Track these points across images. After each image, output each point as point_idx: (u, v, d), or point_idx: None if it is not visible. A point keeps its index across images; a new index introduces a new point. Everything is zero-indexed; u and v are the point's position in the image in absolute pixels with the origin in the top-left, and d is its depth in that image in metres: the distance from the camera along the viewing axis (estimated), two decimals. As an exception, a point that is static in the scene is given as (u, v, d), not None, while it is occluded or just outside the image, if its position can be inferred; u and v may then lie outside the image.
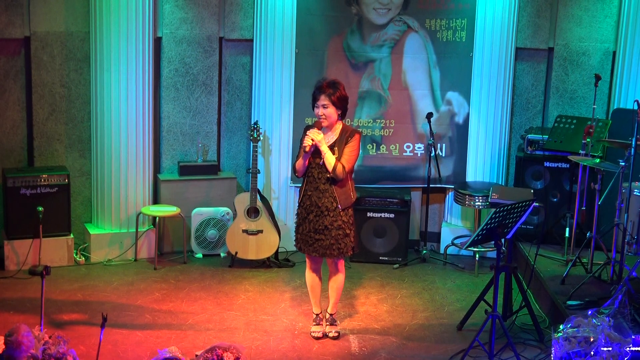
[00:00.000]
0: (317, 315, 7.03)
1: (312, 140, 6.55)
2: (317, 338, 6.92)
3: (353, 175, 6.95)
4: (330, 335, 6.98)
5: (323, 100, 6.57)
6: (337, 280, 6.94)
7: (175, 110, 8.81)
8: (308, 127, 6.72)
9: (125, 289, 7.83)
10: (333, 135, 6.67)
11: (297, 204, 6.86)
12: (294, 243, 6.93)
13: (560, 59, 8.94)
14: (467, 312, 7.14)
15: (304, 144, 6.56)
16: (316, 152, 6.61)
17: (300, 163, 6.67)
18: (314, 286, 6.98)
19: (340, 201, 6.65)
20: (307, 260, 6.93)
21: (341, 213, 6.67)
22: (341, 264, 6.90)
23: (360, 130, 6.65)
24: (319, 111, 6.60)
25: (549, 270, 7.82)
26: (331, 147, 6.62)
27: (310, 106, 6.73)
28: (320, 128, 6.64)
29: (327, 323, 7.05)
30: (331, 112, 6.59)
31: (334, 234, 6.67)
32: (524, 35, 8.94)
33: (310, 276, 6.97)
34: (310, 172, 6.68)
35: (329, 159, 6.57)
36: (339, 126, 6.69)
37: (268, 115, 8.79)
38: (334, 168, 6.56)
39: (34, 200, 8.11)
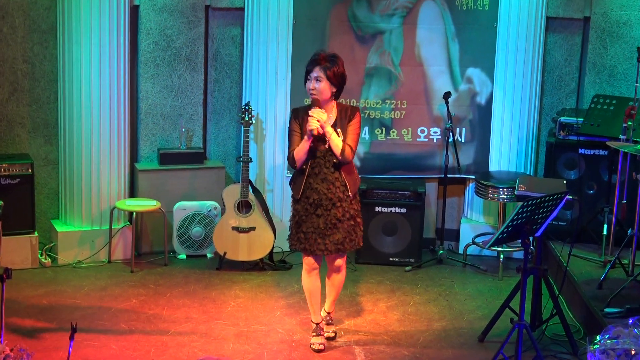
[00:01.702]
0: (317, 324, 7.02)
1: (318, 121, 6.57)
2: (318, 351, 6.92)
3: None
4: (327, 335, 7.04)
5: (317, 72, 6.61)
6: (339, 277, 7.01)
7: (154, 89, 8.81)
8: (297, 110, 6.78)
9: (97, 294, 7.84)
10: (331, 116, 6.70)
11: (294, 199, 6.85)
12: (290, 244, 6.93)
13: (598, 30, 8.93)
14: (490, 321, 7.15)
15: (309, 127, 6.54)
16: (318, 137, 6.62)
17: (303, 150, 6.65)
18: (313, 291, 6.97)
19: (351, 188, 6.73)
20: (305, 261, 6.92)
21: (352, 201, 6.76)
22: (343, 261, 6.95)
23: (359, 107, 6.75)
24: (311, 84, 6.63)
25: (584, 273, 7.82)
26: (342, 129, 6.67)
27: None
28: (319, 107, 6.65)
29: (325, 322, 7.11)
30: (324, 87, 6.62)
31: (346, 225, 6.73)
32: (556, 2, 8.93)
33: (309, 280, 6.96)
34: (316, 161, 6.69)
35: (336, 141, 6.61)
36: (334, 105, 6.73)
37: (261, 95, 8.79)
38: (342, 151, 6.61)
39: (-7, 193, 8.14)
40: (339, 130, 6.64)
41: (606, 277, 7.46)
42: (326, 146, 6.63)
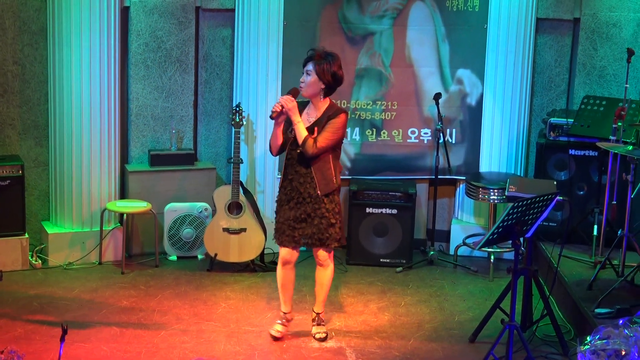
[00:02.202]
0: (285, 313, 7.15)
1: (282, 107, 6.66)
2: (276, 338, 7.06)
3: (341, 161, 7.08)
4: (318, 336, 7.07)
5: (309, 66, 6.70)
6: (324, 275, 7.03)
7: (145, 90, 8.80)
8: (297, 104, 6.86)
9: (88, 296, 7.83)
10: (316, 114, 6.75)
11: (278, 188, 6.96)
12: (273, 235, 7.05)
13: (588, 31, 8.94)
14: (481, 321, 7.16)
15: (271, 110, 6.71)
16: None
17: (272, 135, 6.82)
18: (285, 283, 7.07)
19: (320, 187, 6.74)
20: (280, 252, 6.99)
21: (324, 200, 6.76)
22: (328, 256, 6.97)
23: (348, 111, 6.76)
24: (303, 78, 6.73)
25: (574, 273, 7.84)
26: (311, 127, 6.71)
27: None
28: (295, 96, 6.75)
29: (314, 323, 7.14)
30: (313, 82, 6.68)
31: (316, 222, 6.78)
32: (546, 4, 8.95)
33: (282, 272, 7.04)
34: (290, 153, 6.79)
35: (300, 131, 6.67)
36: (324, 104, 6.77)
37: (252, 96, 8.79)
38: (304, 142, 6.65)
39: (-17, 195, 8.13)
40: (315, 128, 6.70)
41: (596, 278, 7.47)
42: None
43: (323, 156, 6.71)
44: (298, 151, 6.72)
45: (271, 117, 6.68)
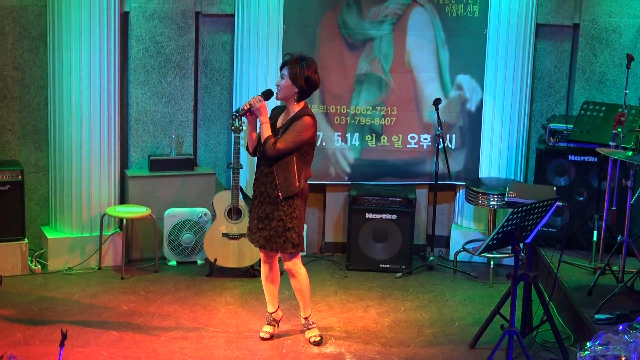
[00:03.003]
0: (270, 314, 7.24)
1: (250, 105, 6.79)
2: (264, 339, 7.13)
3: (340, 166, 7.11)
4: (313, 340, 7.11)
5: (284, 70, 6.80)
6: (297, 284, 7.08)
7: (145, 96, 8.81)
8: (274, 108, 7.04)
9: (87, 301, 7.83)
10: (284, 116, 6.91)
11: None
12: None
13: (587, 37, 8.96)
14: (481, 327, 7.17)
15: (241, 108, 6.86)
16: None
17: (247, 137, 6.98)
18: (266, 281, 7.17)
19: (281, 188, 6.77)
20: (260, 252, 7.14)
21: (283, 203, 6.79)
22: (293, 263, 6.98)
23: (313, 114, 6.83)
24: (277, 81, 6.86)
25: (574, 279, 7.84)
26: (280, 129, 6.81)
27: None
28: (268, 98, 6.89)
29: (305, 328, 7.20)
30: (286, 85, 6.78)
31: (273, 224, 6.84)
32: (546, 9, 8.96)
33: (263, 269, 7.16)
34: (259, 152, 6.91)
35: (263, 131, 6.78)
36: (297, 108, 6.85)
37: (252, 101, 8.79)
38: (265, 141, 6.74)
39: (-17, 200, 8.13)
40: (279, 129, 6.80)
41: (596, 284, 7.47)
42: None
43: (287, 158, 6.74)
44: (259, 150, 6.85)
45: (236, 114, 6.96)
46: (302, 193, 6.83)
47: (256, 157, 6.95)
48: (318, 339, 7.11)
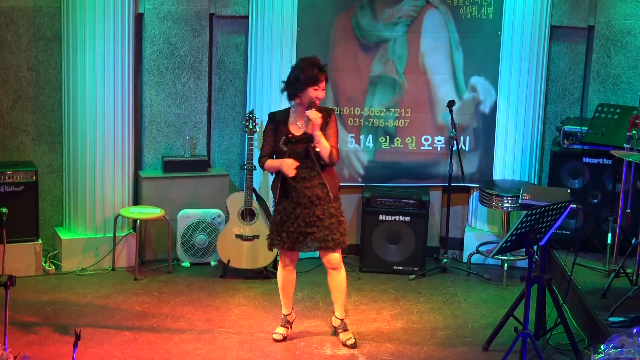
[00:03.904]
0: (285, 316, 7.23)
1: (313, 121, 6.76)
2: (277, 340, 7.13)
3: (354, 168, 7.19)
4: (349, 343, 7.09)
5: (323, 81, 6.79)
6: (339, 279, 7.07)
7: (159, 97, 8.82)
8: (273, 114, 7.00)
9: (101, 302, 7.84)
10: (308, 122, 6.85)
11: (274, 201, 7.05)
12: (271, 243, 7.05)
13: (602, 38, 8.93)
14: (494, 330, 7.15)
15: (316, 121, 6.70)
16: (300, 138, 6.82)
17: (274, 168, 6.95)
18: (287, 284, 7.17)
19: (331, 188, 6.86)
20: (281, 256, 7.09)
21: (332, 200, 6.87)
22: (340, 259, 7.01)
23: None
24: (319, 94, 6.78)
25: (588, 282, 7.82)
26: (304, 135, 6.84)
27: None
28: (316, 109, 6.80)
29: (340, 330, 7.17)
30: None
31: (327, 223, 6.86)
32: (560, 11, 8.94)
33: (284, 273, 7.13)
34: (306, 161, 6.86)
35: (325, 144, 6.78)
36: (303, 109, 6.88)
37: (265, 103, 8.80)
38: (330, 153, 6.80)
39: (-3, 201, 8.15)
40: (302, 134, 6.84)
41: (610, 286, 7.45)
42: (314, 147, 6.76)
43: None
44: (322, 163, 6.79)
45: (308, 133, 6.75)
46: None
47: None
48: (353, 341, 7.10)
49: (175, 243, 8.73)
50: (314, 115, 6.71)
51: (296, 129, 6.87)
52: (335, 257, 6.97)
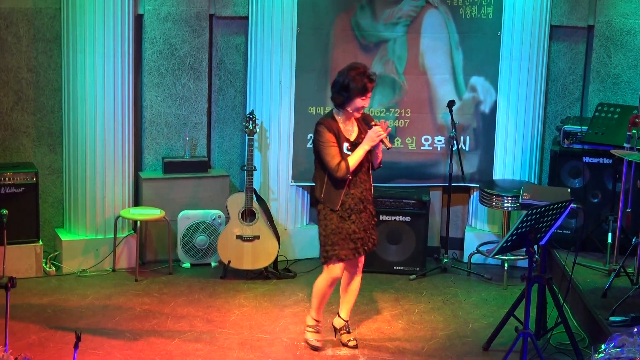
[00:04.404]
0: (318, 322, 7.14)
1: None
2: (317, 348, 7.07)
3: None
4: (351, 344, 7.10)
5: (371, 90, 6.71)
6: (358, 281, 7.13)
7: (159, 98, 8.82)
8: (329, 123, 6.74)
9: (101, 303, 7.85)
10: (353, 125, 6.82)
11: (329, 210, 6.78)
12: (327, 255, 6.83)
13: (602, 38, 8.93)
14: (495, 329, 7.15)
15: (379, 136, 6.67)
16: (353, 145, 6.76)
17: (360, 160, 6.73)
18: (327, 295, 7.07)
19: (372, 190, 6.95)
20: (336, 267, 6.87)
21: (371, 202, 6.94)
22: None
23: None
24: (365, 103, 6.71)
25: (588, 281, 7.82)
26: (359, 138, 6.81)
27: (314, 93, 6.79)
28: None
29: (343, 331, 7.19)
30: None
31: (370, 225, 6.93)
32: (560, 11, 8.94)
33: (328, 288, 7.00)
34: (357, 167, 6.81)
35: (380, 153, 6.88)
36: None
37: (266, 103, 8.80)
38: (380, 160, 6.95)
39: (-3, 202, 8.15)
40: (363, 137, 6.79)
41: (611, 286, 7.45)
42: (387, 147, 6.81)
43: None
44: (367, 167, 6.84)
45: (388, 148, 6.78)
46: None
47: (337, 177, 6.72)
48: (355, 343, 7.13)
49: (176, 244, 8.73)
50: (380, 131, 6.68)
51: (348, 134, 6.79)
52: (363, 258, 7.04)
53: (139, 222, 8.52)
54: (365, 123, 6.82)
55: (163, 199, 8.72)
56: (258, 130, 8.63)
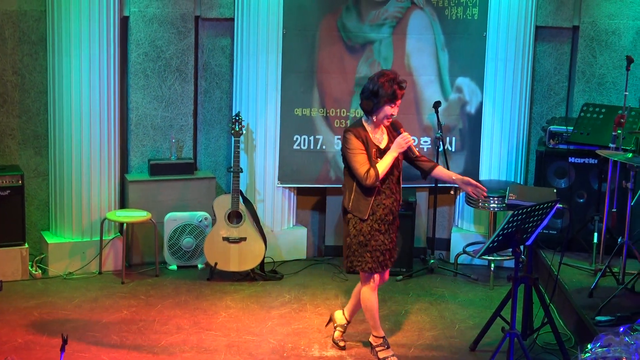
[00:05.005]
0: (384, 338, 6.99)
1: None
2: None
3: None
4: (340, 344, 7.15)
5: (400, 98, 6.63)
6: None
7: (145, 100, 8.81)
8: (357, 130, 6.63)
9: (88, 306, 7.83)
10: (383, 133, 6.75)
11: (358, 219, 6.68)
12: (354, 265, 6.77)
13: (587, 38, 8.95)
14: (482, 330, 7.16)
15: (408, 142, 6.61)
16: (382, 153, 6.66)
17: (389, 167, 6.61)
18: (377, 307, 6.94)
19: (401, 202, 6.88)
20: (373, 279, 6.82)
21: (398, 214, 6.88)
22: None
23: None
24: (394, 111, 6.62)
25: (574, 281, 7.84)
26: (389, 145, 6.69)
27: (299, 95, 6.76)
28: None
29: (341, 329, 7.21)
30: None
31: (396, 237, 6.85)
32: (545, 11, 8.96)
33: (374, 298, 6.88)
34: (387, 177, 6.68)
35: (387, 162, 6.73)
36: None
37: (252, 105, 8.79)
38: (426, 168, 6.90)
39: (-17, 205, 8.12)
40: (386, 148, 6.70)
41: (597, 286, 7.47)
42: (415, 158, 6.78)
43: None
44: (397, 175, 6.74)
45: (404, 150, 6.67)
46: None
47: (366, 185, 6.59)
48: (344, 344, 7.15)
49: (162, 246, 8.72)
50: (409, 138, 6.62)
51: (378, 141, 6.69)
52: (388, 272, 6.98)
53: (125, 224, 8.50)
54: (394, 130, 6.68)
55: (149, 201, 8.71)
56: (244, 132, 8.62)
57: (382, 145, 6.67)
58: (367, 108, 6.61)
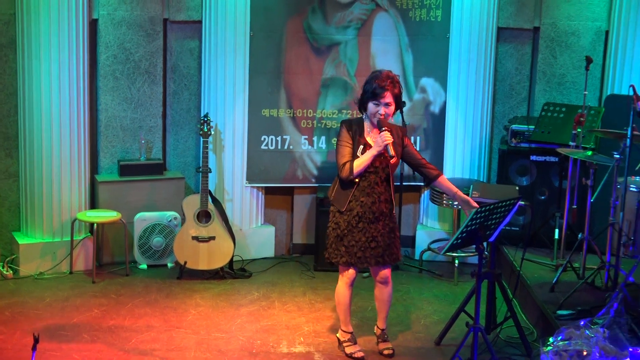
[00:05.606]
0: (351, 334, 7.03)
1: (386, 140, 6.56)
2: (361, 359, 6.94)
3: (308, 169, 7.01)
4: (387, 352, 7.00)
5: (388, 98, 6.57)
6: (387, 291, 6.99)
7: (114, 102, 8.79)
8: (349, 122, 6.73)
9: (59, 305, 7.80)
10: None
11: (337, 212, 6.74)
12: (329, 256, 6.81)
13: (547, 39, 9.03)
14: (446, 325, 7.20)
15: (386, 141, 6.49)
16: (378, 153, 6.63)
17: (365, 164, 6.58)
18: (349, 302, 6.96)
19: (393, 202, 6.80)
20: (345, 274, 6.87)
21: (391, 215, 6.80)
22: (389, 273, 6.95)
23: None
24: (381, 110, 6.58)
25: (536, 276, 7.89)
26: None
27: (267, 96, 6.75)
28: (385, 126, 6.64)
29: (380, 340, 7.10)
30: (392, 110, 6.67)
31: (387, 238, 6.76)
32: (507, 13, 9.02)
33: (346, 291, 6.90)
34: (366, 175, 6.66)
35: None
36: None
37: (220, 106, 8.79)
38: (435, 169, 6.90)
39: (-46, 207, 8.08)
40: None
41: (558, 281, 7.52)
42: (379, 164, 6.65)
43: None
44: (384, 177, 6.68)
45: (383, 149, 6.54)
46: None
47: (348, 182, 6.64)
48: (391, 352, 7.02)
49: (132, 246, 8.70)
50: (387, 137, 6.50)
51: (372, 139, 6.69)
52: (388, 271, 6.92)
53: (95, 224, 8.48)
54: (379, 129, 6.60)
55: (119, 202, 8.69)
56: (213, 132, 8.62)
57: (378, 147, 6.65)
58: (358, 105, 6.75)
